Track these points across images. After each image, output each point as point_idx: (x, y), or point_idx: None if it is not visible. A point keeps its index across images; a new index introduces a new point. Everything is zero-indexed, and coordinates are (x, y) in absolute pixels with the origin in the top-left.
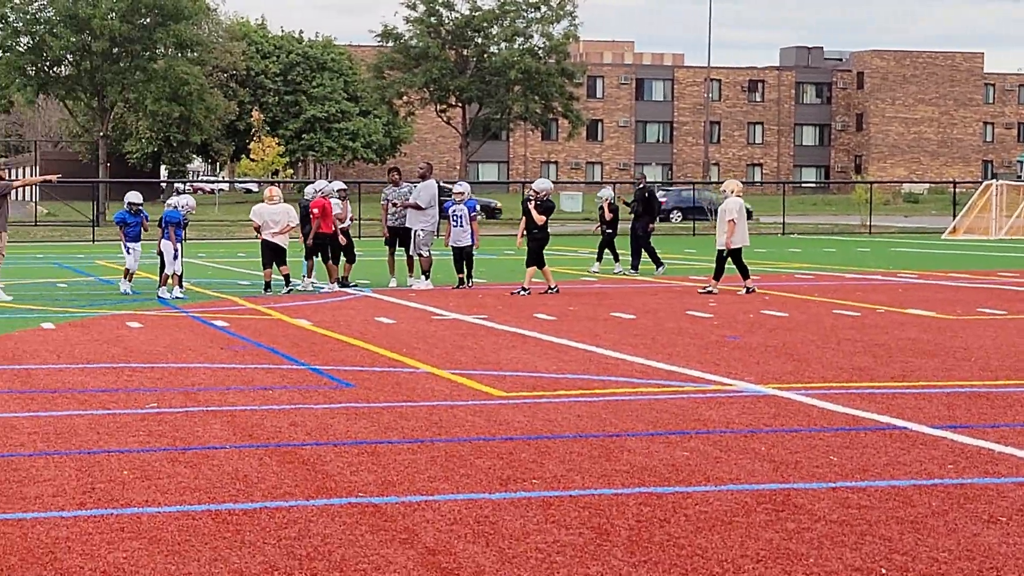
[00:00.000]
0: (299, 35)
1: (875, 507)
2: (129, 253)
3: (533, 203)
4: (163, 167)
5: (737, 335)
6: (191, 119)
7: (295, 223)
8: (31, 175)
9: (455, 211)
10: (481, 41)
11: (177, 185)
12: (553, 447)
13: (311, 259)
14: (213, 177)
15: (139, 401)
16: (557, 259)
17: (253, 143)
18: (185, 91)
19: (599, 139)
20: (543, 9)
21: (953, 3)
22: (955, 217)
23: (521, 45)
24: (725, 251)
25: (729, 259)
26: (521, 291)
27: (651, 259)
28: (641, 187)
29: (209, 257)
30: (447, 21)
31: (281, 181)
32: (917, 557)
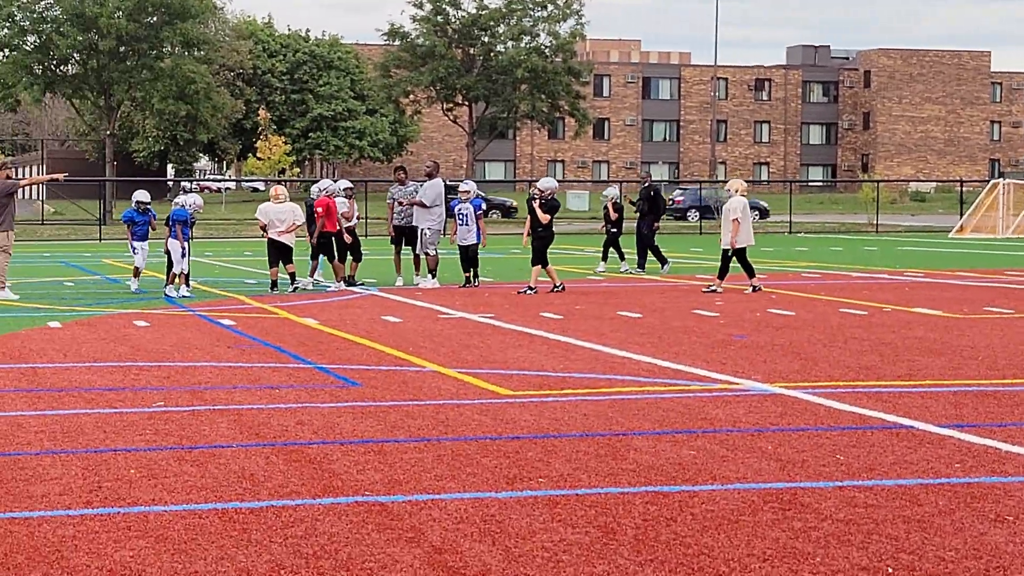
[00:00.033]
0: (306, 34)
1: (882, 506)
2: (136, 252)
3: (538, 202)
4: (170, 166)
5: (744, 334)
6: (198, 118)
7: (300, 222)
8: (38, 174)
9: (460, 209)
10: (488, 40)
11: (184, 184)
12: (559, 446)
13: (316, 258)
14: (220, 176)
15: (146, 400)
16: (563, 258)
17: (260, 142)
18: (192, 90)
19: (606, 138)
20: (550, 8)
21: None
22: (962, 216)
23: (528, 44)
24: (730, 250)
25: (734, 258)
26: (527, 290)
27: (656, 258)
28: (646, 186)
29: (216, 256)
30: (454, 20)
31: (287, 180)
32: (924, 556)
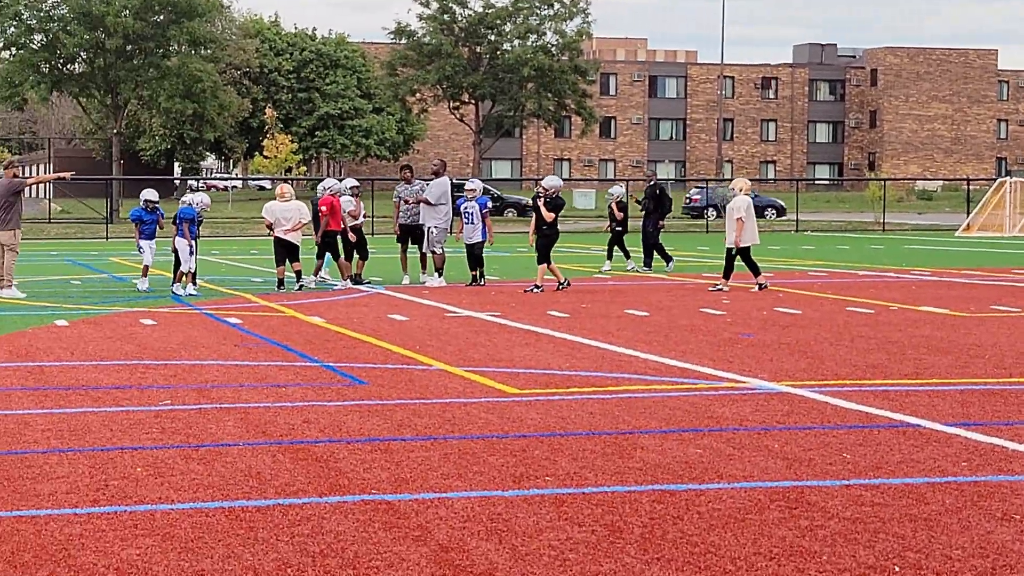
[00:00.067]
0: (312, 32)
1: (888, 504)
2: (143, 251)
3: (542, 200)
4: (176, 164)
5: (751, 332)
6: (204, 116)
7: (307, 220)
8: (45, 172)
9: (466, 208)
10: (494, 38)
11: (191, 183)
12: (566, 444)
13: (321, 257)
14: (226, 174)
15: (152, 398)
16: (570, 256)
17: (266, 140)
18: (198, 88)
19: (612, 136)
20: (556, 6)
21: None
22: (969, 214)
23: (534, 42)
24: (734, 249)
25: (739, 257)
26: (534, 288)
27: (660, 256)
28: (652, 184)
29: (222, 254)
30: (460, 18)
31: (294, 178)
32: (930, 555)
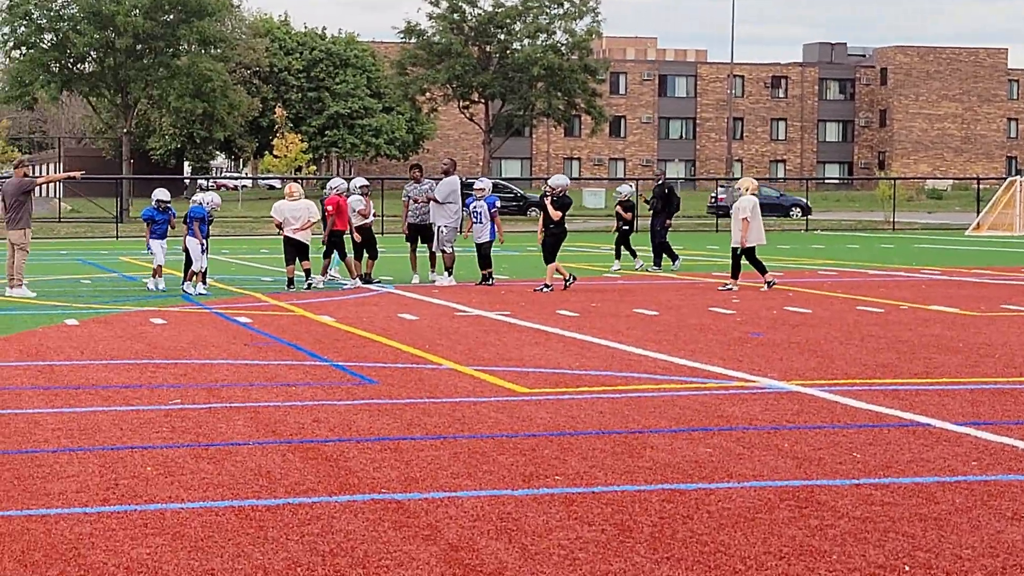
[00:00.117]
0: (322, 31)
1: (898, 504)
2: (155, 251)
3: (549, 199)
4: (186, 164)
5: (760, 332)
6: (214, 116)
7: (316, 219)
8: (55, 172)
9: (475, 207)
10: (504, 37)
11: (201, 182)
12: (576, 444)
13: (328, 256)
14: (236, 173)
15: (162, 397)
16: (580, 256)
17: (276, 140)
18: (208, 88)
19: (622, 135)
20: (566, 5)
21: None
22: (979, 213)
23: (544, 41)
24: (740, 249)
25: (744, 257)
26: (544, 287)
27: (667, 255)
28: (660, 183)
29: (232, 253)
30: (470, 17)
31: (304, 177)
32: (940, 554)
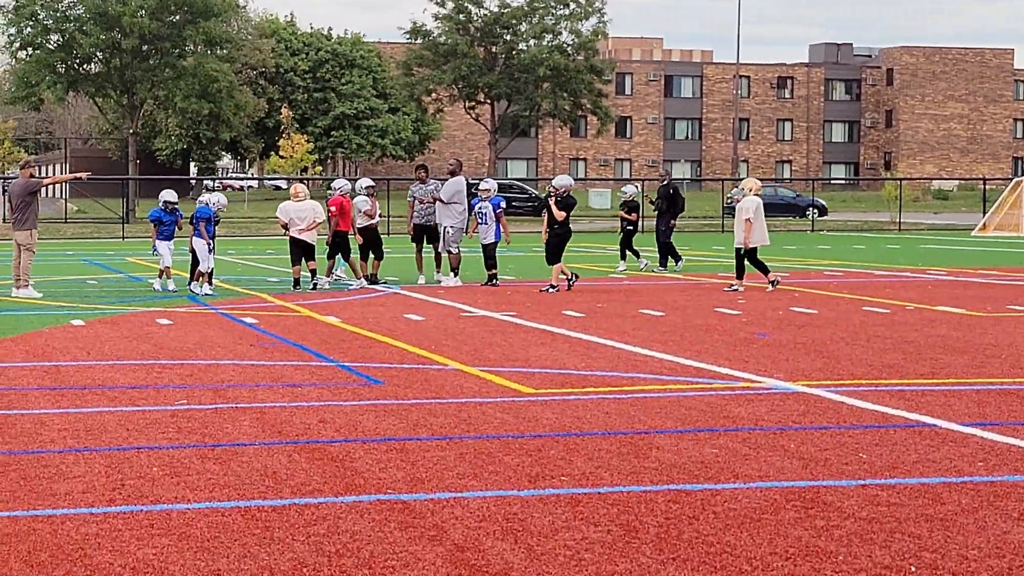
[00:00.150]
0: (328, 32)
1: (904, 504)
2: (161, 252)
3: (554, 199)
4: (192, 164)
5: (766, 332)
6: (220, 116)
7: (321, 219)
8: (61, 172)
9: (480, 208)
10: (510, 38)
11: (207, 182)
12: (582, 444)
13: (332, 257)
14: (242, 174)
15: (169, 398)
16: (585, 256)
17: (282, 140)
18: (214, 88)
19: (628, 136)
20: (572, 6)
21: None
22: (985, 214)
23: (550, 42)
24: (743, 249)
25: (746, 258)
26: (550, 288)
27: (670, 254)
28: (665, 184)
29: (238, 254)
30: (476, 18)
31: (310, 178)
32: (947, 555)
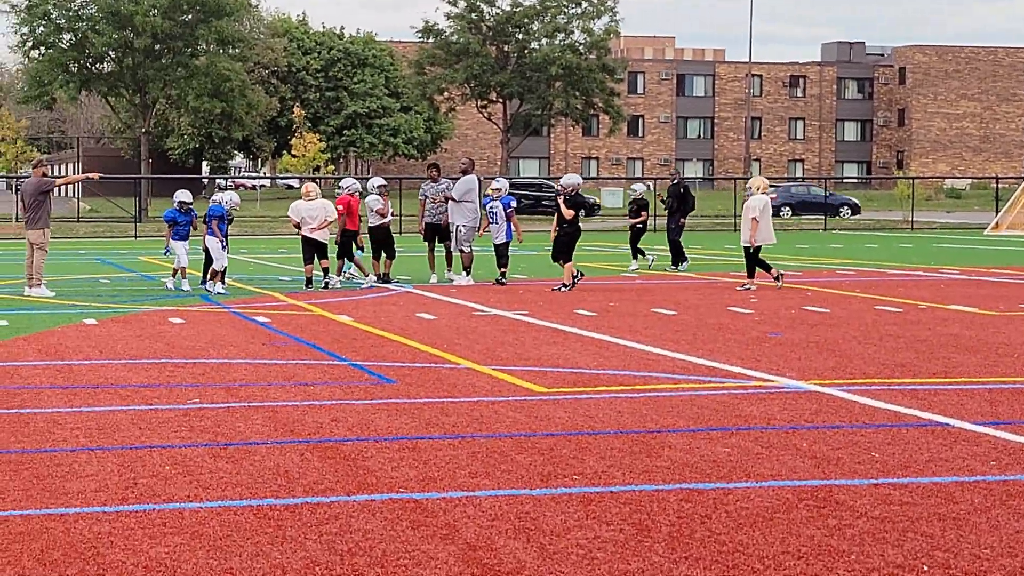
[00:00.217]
0: (340, 31)
1: (917, 504)
2: (176, 252)
3: (562, 198)
4: (205, 163)
5: (779, 331)
6: (232, 115)
7: (332, 218)
8: (74, 171)
9: (491, 207)
10: (522, 37)
11: (219, 181)
12: (594, 443)
13: (341, 257)
14: (254, 173)
15: (181, 397)
16: (597, 255)
17: (294, 139)
18: (227, 87)
19: (640, 135)
20: (584, 5)
21: None
22: (998, 213)
23: (562, 41)
24: (752, 248)
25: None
26: (562, 287)
27: (673, 253)
28: (676, 183)
29: (250, 253)
30: (488, 17)
31: (322, 177)
32: (959, 554)
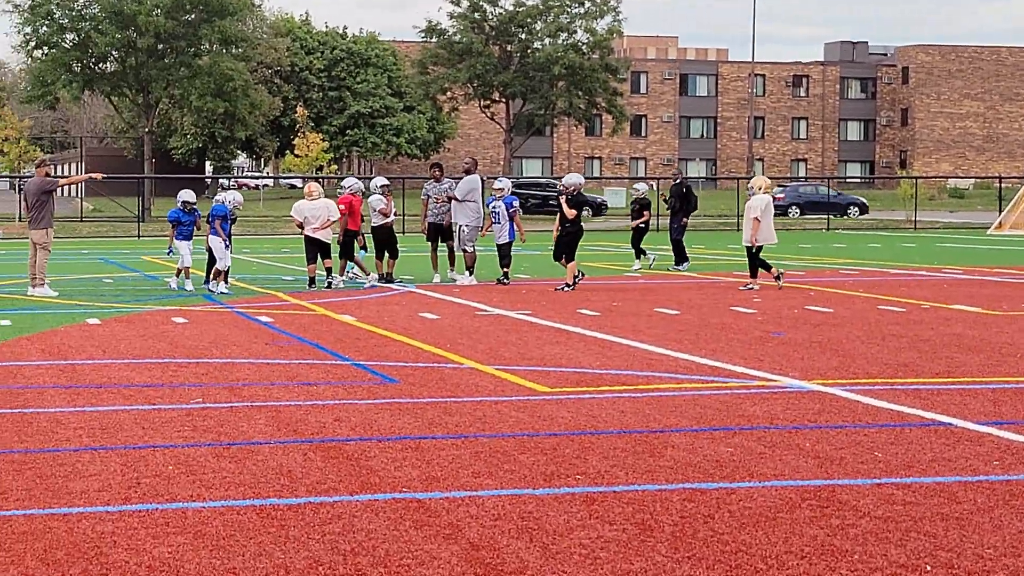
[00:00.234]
0: (343, 31)
1: (920, 503)
2: (181, 252)
3: (564, 198)
4: (208, 163)
5: (782, 331)
6: (236, 115)
7: (335, 218)
8: (77, 171)
9: (494, 207)
10: (525, 37)
11: (222, 181)
12: (597, 443)
13: (343, 257)
14: (257, 173)
15: (184, 396)
16: (600, 255)
17: (297, 139)
18: (230, 87)
19: (643, 134)
20: (587, 5)
21: None
22: (1001, 212)
23: (565, 41)
24: (754, 248)
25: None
26: (565, 287)
27: (675, 253)
28: (678, 182)
29: (253, 253)
30: (491, 17)
31: (325, 177)
32: (962, 554)
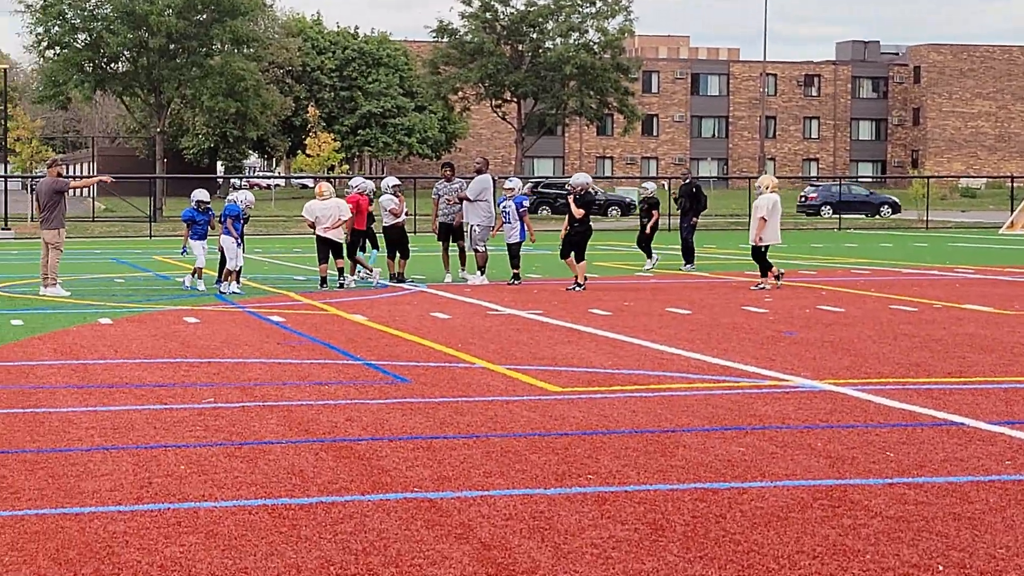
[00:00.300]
0: (355, 31)
1: (932, 503)
2: (195, 251)
3: (572, 197)
4: (219, 163)
5: (793, 331)
6: (247, 115)
7: (346, 217)
8: (89, 171)
9: (504, 207)
10: (536, 36)
11: (234, 181)
12: (608, 442)
13: (349, 257)
14: (269, 173)
15: (196, 396)
16: (610, 254)
17: (309, 139)
18: (241, 87)
19: (654, 134)
20: (598, 4)
21: None
22: (1013, 212)
23: (576, 40)
24: (763, 247)
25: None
26: (576, 287)
27: (683, 252)
28: (688, 182)
29: (265, 253)
30: (502, 16)
31: (336, 177)
32: (974, 554)
